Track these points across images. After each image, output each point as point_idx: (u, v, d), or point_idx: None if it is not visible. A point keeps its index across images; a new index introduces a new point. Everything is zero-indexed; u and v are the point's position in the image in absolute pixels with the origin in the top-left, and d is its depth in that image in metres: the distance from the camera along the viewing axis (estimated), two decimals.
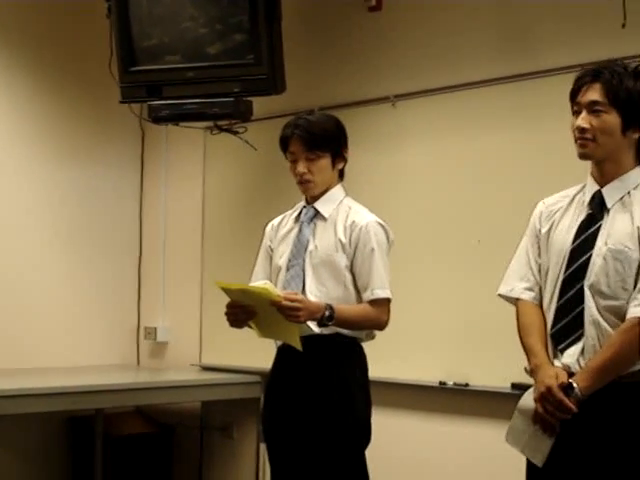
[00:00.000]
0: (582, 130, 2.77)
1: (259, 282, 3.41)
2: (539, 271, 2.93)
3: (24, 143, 5.65)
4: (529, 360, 2.87)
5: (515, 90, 4.40)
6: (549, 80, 4.23)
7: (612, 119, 2.74)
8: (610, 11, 4.01)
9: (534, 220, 2.98)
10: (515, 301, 2.98)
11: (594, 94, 2.76)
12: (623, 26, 3.95)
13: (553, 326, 2.82)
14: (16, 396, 4.49)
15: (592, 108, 2.76)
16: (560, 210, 2.91)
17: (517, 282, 2.97)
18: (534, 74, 4.31)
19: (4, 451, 5.41)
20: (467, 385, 4.49)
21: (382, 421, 3.60)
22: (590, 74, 2.79)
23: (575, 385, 2.69)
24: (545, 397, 2.74)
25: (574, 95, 2.82)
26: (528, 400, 2.84)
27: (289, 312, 3.18)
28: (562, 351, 2.78)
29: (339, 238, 3.40)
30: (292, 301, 3.18)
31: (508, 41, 4.48)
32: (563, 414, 2.71)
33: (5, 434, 5.32)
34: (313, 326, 3.28)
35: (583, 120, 2.77)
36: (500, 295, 3.03)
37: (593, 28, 4.15)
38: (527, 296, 2.94)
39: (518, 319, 2.96)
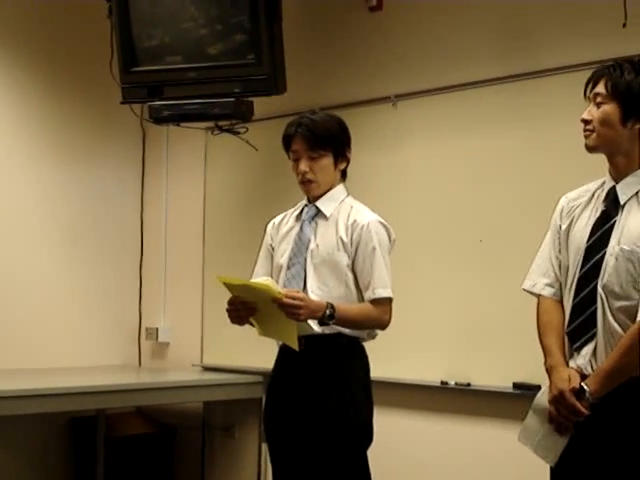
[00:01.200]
0: (585, 122, 2.82)
1: (260, 278, 3.41)
2: (560, 267, 2.93)
3: (25, 143, 5.65)
4: (545, 359, 2.88)
5: (516, 90, 4.40)
6: (550, 79, 4.23)
7: (611, 109, 2.77)
8: (611, 11, 4.01)
9: (556, 216, 2.99)
10: (537, 296, 2.99)
11: (598, 87, 2.81)
12: (624, 25, 3.95)
13: (569, 324, 2.83)
14: (18, 397, 4.48)
15: (596, 100, 2.81)
16: (580, 206, 2.92)
17: (539, 277, 2.99)
18: (535, 73, 4.32)
19: (5, 451, 5.41)
20: (469, 385, 4.49)
21: (384, 421, 3.60)
22: (600, 70, 2.84)
23: (587, 389, 2.70)
24: (558, 401, 2.75)
25: (586, 91, 2.87)
26: (542, 400, 2.85)
27: (290, 309, 3.18)
28: (577, 350, 2.79)
29: (340, 237, 3.40)
30: (293, 298, 3.18)
31: (509, 41, 4.48)
32: (575, 417, 2.73)
33: (7, 435, 5.32)
34: (314, 325, 3.28)
35: (587, 112, 2.83)
36: (524, 290, 3.03)
37: (594, 28, 4.15)
38: (548, 292, 2.95)
39: (538, 316, 2.97)
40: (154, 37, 4.96)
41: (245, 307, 3.29)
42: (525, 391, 4.18)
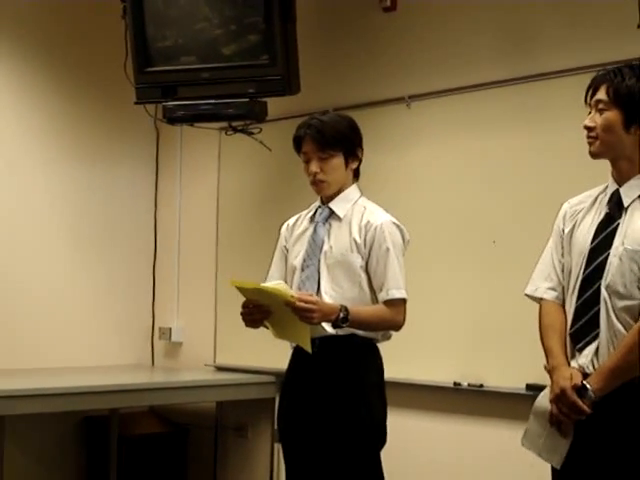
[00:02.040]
0: (588, 129, 2.83)
1: (273, 282, 3.41)
2: (562, 271, 2.94)
3: (39, 143, 5.67)
4: (547, 360, 2.88)
5: (531, 91, 4.39)
6: (568, 80, 4.21)
7: (613, 116, 2.78)
8: (625, 12, 4.00)
9: (558, 220, 3.00)
10: (539, 301, 3.00)
11: (600, 93, 2.81)
12: (639, 27, 3.94)
13: (572, 326, 2.83)
14: (31, 396, 4.49)
15: (597, 107, 2.81)
16: (583, 210, 2.92)
17: (541, 282, 2.99)
18: (551, 74, 4.30)
19: (19, 451, 5.42)
20: (482, 386, 4.49)
21: (396, 422, 3.59)
22: (600, 75, 2.84)
23: (589, 387, 2.70)
24: (559, 398, 2.75)
25: (587, 97, 2.87)
26: (543, 402, 2.85)
27: (303, 313, 3.18)
28: (579, 350, 2.79)
29: (354, 238, 3.40)
30: (306, 302, 3.18)
31: (522, 42, 4.47)
32: (577, 415, 2.72)
33: (20, 434, 5.34)
34: (327, 327, 3.28)
35: (589, 119, 2.83)
36: (526, 295, 3.04)
37: (610, 29, 4.14)
38: (550, 296, 2.96)
39: (540, 319, 2.97)
40: (168, 37, 4.97)
41: (259, 310, 3.30)
42: (538, 392, 4.16)
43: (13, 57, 5.54)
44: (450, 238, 4.66)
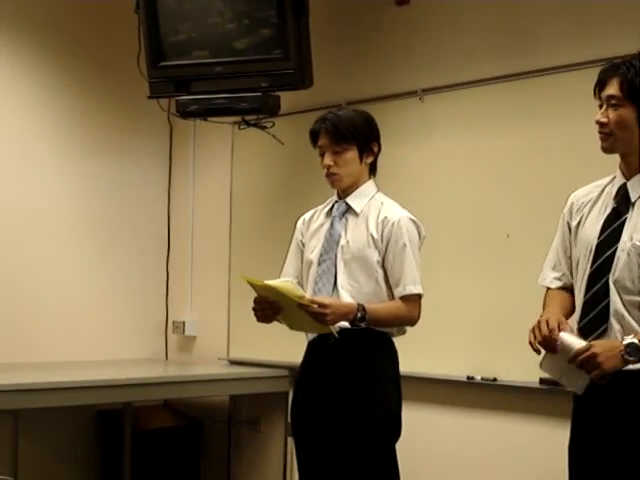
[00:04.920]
0: (601, 125, 2.81)
1: (282, 279, 3.44)
2: (569, 263, 2.94)
3: (53, 137, 5.68)
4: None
5: (545, 84, 4.38)
6: (584, 73, 4.18)
7: (628, 113, 2.75)
8: (628, 7, 3.99)
9: (565, 212, 3.00)
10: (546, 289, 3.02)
11: (611, 88, 2.78)
12: None
13: (580, 320, 2.82)
14: (45, 390, 4.51)
15: (610, 102, 2.78)
16: (590, 202, 2.92)
17: (549, 271, 3.03)
18: (568, 67, 4.28)
19: (33, 444, 5.44)
20: (495, 380, 4.48)
21: (410, 415, 3.60)
22: (610, 68, 2.82)
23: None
24: (539, 326, 2.77)
25: (597, 89, 2.84)
26: (570, 340, 2.78)
27: (316, 317, 3.20)
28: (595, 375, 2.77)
29: (371, 233, 3.41)
30: (319, 306, 3.20)
31: (537, 35, 4.46)
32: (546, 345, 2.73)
33: (35, 427, 5.36)
34: (344, 324, 3.30)
35: (601, 115, 2.81)
36: (540, 284, 3.05)
37: (620, 22, 4.13)
38: (556, 285, 2.99)
39: (544, 302, 2.99)
40: (181, 32, 4.97)
41: (271, 306, 3.32)
42: (552, 386, 4.16)
43: (26, 52, 5.55)
44: (464, 232, 4.65)
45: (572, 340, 2.72)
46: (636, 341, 2.61)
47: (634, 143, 2.78)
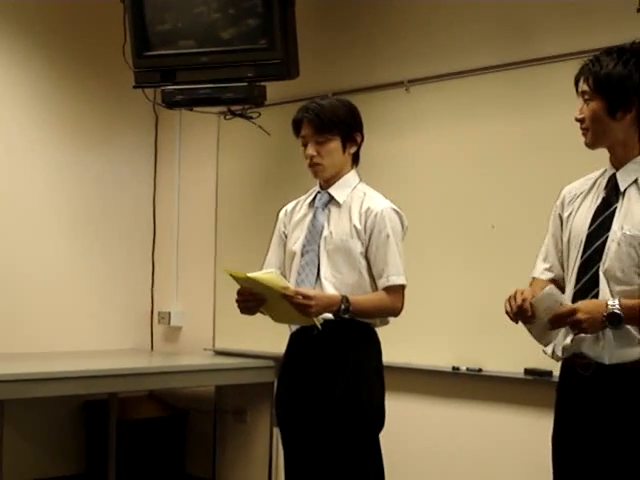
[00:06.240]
0: (579, 121, 2.84)
1: (265, 271, 3.42)
2: (560, 255, 2.95)
3: (38, 128, 5.67)
4: None
5: (531, 75, 4.38)
6: (569, 64, 4.16)
7: (597, 105, 2.78)
8: None
9: (557, 205, 3.00)
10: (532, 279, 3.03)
11: (583, 85, 2.81)
12: (638, 11, 3.92)
13: None
14: (30, 380, 4.51)
15: (584, 98, 2.82)
16: (582, 195, 2.93)
17: (540, 263, 3.03)
18: (552, 58, 4.28)
19: (18, 435, 5.44)
20: (480, 370, 4.50)
21: (395, 406, 3.61)
22: (582, 67, 2.84)
23: (617, 303, 2.65)
24: (514, 297, 2.78)
25: (577, 88, 2.88)
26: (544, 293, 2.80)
27: (300, 308, 3.20)
28: (578, 335, 2.78)
29: (354, 224, 3.40)
30: (304, 297, 3.19)
31: (524, 25, 4.46)
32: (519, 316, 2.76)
33: (20, 418, 5.36)
34: (328, 315, 3.30)
35: (578, 111, 2.84)
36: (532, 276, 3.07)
37: (610, 13, 4.12)
38: (546, 276, 2.99)
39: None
40: (167, 21, 4.97)
41: (254, 298, 3.31)
42: (536, 377, 4.18)
43: (10, 41, 5.53)
44: (449, 222, 4.66)
45: (555, 298, 2.73)
46: (618, 311, 2.63)
47: (614, 134, 2.79)
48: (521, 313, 2.75)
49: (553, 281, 2.97)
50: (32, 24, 5.58)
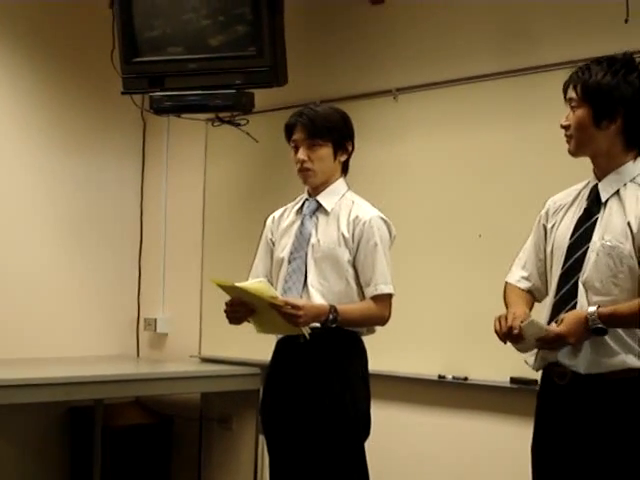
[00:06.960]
0: (564, 128, 2.86)
1: (254, 280, 3.42)
2: (540, 265, 2.96)
3: (25, 134, 5.65)
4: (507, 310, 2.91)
5: (518, 84, 4.39)
6: (553, 74, 4.20)
7: (583, 113, 2.80)
8: (613, 6, 4.00)
9: (542, 215, 3.02)
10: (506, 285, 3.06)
11: (571, 92, 2.84)
12: (626, 21, 3.94)
13: (549, 321, 2.82)
14: (15, 386, 4.49)
15: (571, 105, 2.84)
16: (566, 206, 2.95)
17: (518, 270, 3.05)
18: (537, 68, 4.31)
19: (3, 441, 5.42)
20: (466, 379, 4.50)
21: (381, 414, 3.61)
22: (572, 73, 2.87)
23: (594, 310, 2.69)
24: (504, 317, 2.82)
25: (565, 96, 2.89)
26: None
27: (288, 318, 3.20)
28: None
29: (342, 232, 3.41)
30: (292, 307, 3.19)
31: (510, 35, 4.47)
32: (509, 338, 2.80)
33: (4, 424, 5.33)
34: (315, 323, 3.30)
35: (564, 118, 2.86)
36: (506, 280, 3.09)
37: (599, 23, 4.14)
38: (523, 285, 3.02)
39: (505, 297, 3.04)
40: (156, 28, 4.96)
41: (244, 308, 3.31)
42: (522, 386, 4.18)
43: None
44: (436, 231, 4.66)
45: (539, 326, 2.76)
46: (600, 325, 2.67)
47: (597, 143, 2.81)
48: (510, 335, 2.77)
49: (529, 292, 2.99)
50: (20, 29, 5.56)
